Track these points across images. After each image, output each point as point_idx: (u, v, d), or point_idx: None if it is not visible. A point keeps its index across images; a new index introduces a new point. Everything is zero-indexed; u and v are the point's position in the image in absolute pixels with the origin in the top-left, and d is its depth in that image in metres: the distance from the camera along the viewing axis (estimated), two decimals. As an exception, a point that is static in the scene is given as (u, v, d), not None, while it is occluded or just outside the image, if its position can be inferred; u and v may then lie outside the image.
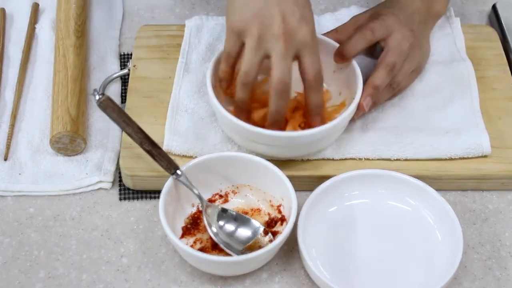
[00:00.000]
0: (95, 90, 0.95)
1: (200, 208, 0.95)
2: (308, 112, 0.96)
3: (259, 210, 0.96)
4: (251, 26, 0.90)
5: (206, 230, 0.93)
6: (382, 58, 1.01)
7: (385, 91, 1.02)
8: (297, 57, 0.92)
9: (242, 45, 0.92)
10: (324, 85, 1.06)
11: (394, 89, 1.04)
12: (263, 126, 0.94)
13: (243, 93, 0.94)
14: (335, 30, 1.06)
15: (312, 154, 0.99)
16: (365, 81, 0.99)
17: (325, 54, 1.03)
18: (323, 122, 0.96)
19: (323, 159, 0.99)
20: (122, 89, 1.11)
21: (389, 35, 1.01)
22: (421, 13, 1.05)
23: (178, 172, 0.92)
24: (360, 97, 0.97)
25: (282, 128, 0.96)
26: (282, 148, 0.96)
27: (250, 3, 0.90)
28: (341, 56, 1.01)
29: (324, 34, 1.05)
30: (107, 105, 0.93)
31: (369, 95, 0.99)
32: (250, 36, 0.90)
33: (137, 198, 1.00)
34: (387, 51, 1.01)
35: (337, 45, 1.02)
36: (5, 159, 1.02)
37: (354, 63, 1.01)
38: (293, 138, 0.94)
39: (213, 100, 0.96)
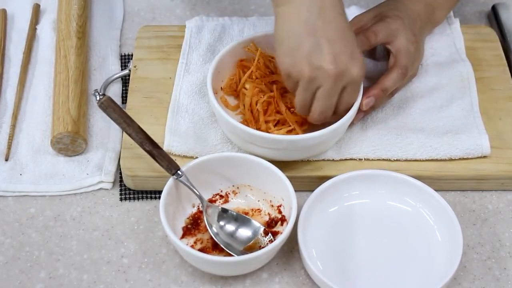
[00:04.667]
0: (96, 90, 0.95)
1: (201, 208, 0.95)
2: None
3: (259, 210, 0.96)
4: (303, 68, 0.88)
5: (206, 230, 0.93)
6: (395, 61, 1.01)
7: (385, 97, 1.02)
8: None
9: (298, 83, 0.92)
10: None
11: (393, 94, 1.04)
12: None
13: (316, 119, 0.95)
14: None
15: (312, 156, 0.99)
16: (364, 82, 0.99)
17: None
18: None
19: (323, 159, 0.99)
20: (122, 90, 1.11)
21: (394, 38, 1.01)
22: (422, 18, 1.04)
23: (179, 172, 0.93)
24: (360, 99, 0.97)
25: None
26: (281, 151, 0.96)
27: (301, 46, 0.88)
28: None
29: None
30: (108, 105, 0.93)
31: (374, 95, 0.99)
32: (302, 79, 0.90)
33: (138, 199, 1.00)
34: (397, 54, 1.01)
35: None
36: (6, 160, 1.02)
37: None
38: (293, 141, 0.94)
39: (213, 103, 0.96)
